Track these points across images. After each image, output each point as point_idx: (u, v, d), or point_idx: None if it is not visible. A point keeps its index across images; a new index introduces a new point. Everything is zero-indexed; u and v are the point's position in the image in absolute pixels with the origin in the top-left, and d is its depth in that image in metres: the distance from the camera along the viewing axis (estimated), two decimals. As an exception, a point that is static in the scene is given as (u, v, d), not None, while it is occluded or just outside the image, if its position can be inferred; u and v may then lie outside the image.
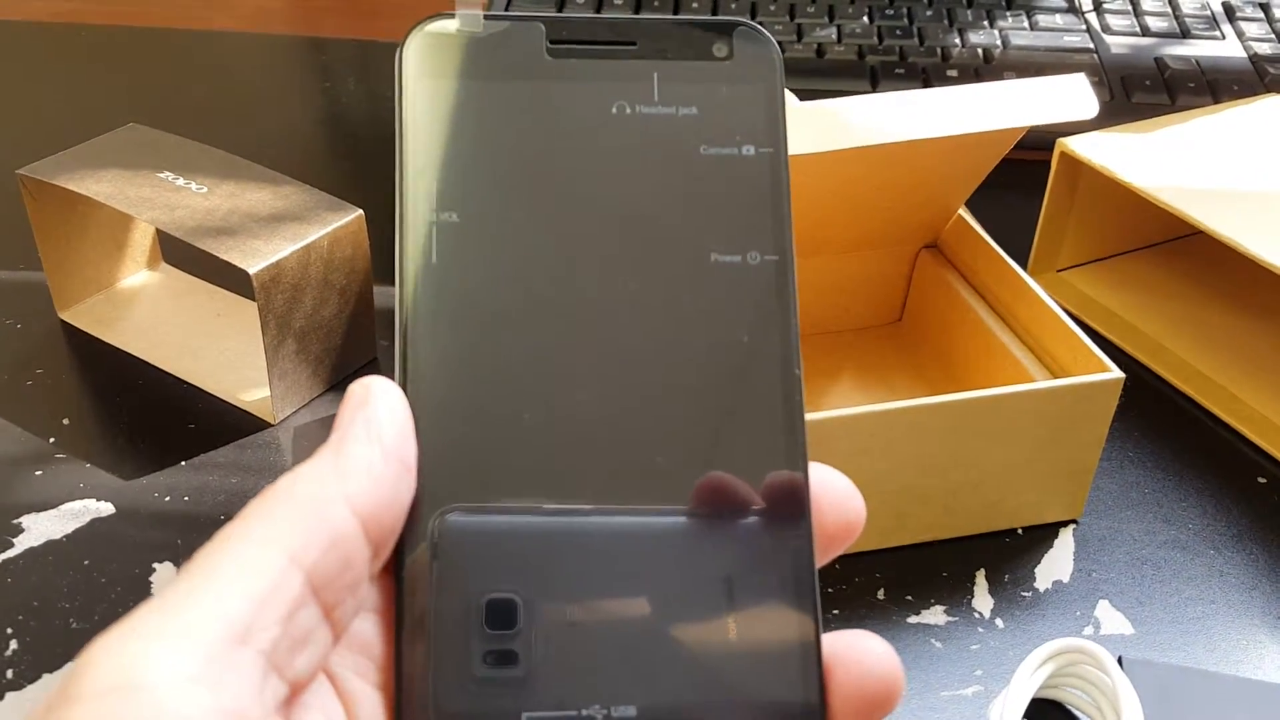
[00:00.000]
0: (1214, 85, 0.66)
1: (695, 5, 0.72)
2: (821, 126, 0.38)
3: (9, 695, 0.36)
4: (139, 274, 0.54)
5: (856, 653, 0.19)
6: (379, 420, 0.20)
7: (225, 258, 0.43)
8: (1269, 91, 0.65)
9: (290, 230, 0.44)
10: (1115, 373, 0.39)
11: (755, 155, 0.21)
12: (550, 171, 0.21)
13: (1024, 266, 0.55)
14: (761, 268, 0.21)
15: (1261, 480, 0.45)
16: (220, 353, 0.50)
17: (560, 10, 0.72)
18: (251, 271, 0.42)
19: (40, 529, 0.42)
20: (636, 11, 0.72)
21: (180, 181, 0.47)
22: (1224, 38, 0.70)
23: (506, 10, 0.72)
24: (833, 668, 0.19)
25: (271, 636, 0.17)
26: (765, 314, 0.21)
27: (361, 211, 0.46)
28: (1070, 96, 0.41)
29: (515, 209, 0.21)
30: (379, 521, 0.19)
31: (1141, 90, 0.66)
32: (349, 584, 0.18)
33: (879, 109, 0.39)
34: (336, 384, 0.48)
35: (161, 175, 0.47)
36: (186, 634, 0.16)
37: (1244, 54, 0.69)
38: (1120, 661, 0.36)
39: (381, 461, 0.19)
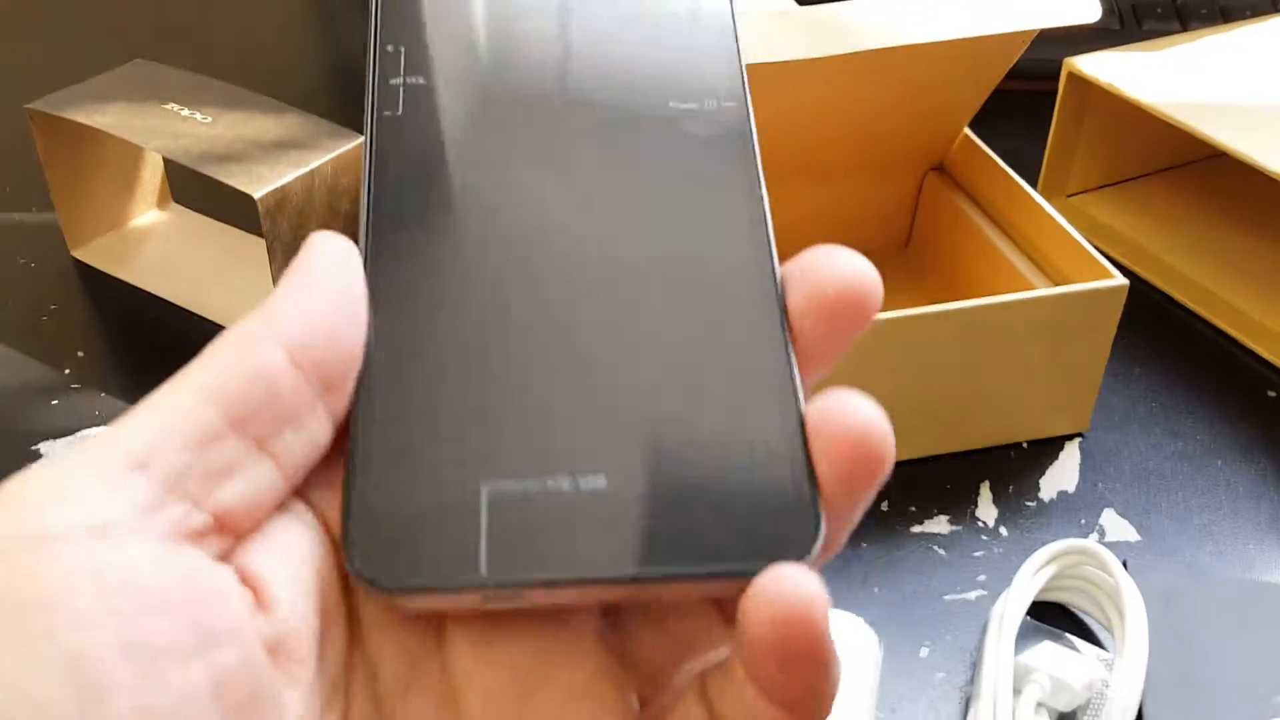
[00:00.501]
0: (1226, 11, 0.65)
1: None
2: (820, 32, 0.38)
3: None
4: (149, 213, 0.55)
5: (839, 408, 0.18)
6: (311, 264, 0.19)
7: (230, 183, 0.43)
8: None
9: (294, 157, 0.45)
10: (1119, 279, 0.39)
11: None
12: (515, 41, 0.22)
13: (1032, 190, 0.55)
14: (719, 113, 0.21)
15: (1271, 394, 0.45)
16: (230, 286, 0.50)
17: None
18: (256, 195, 0.42)
19: (57, 454, 0.42)
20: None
21: (186, 112, 0.47)
22: (1238, -36, 0.69)
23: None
24: (816, 426, 0.18)
25: (172, 463, 0.17)
26: (729, 154, 0.21)
27: (363, 138, 0.46)
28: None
29: (481, 74, 0.22)
30: (316, 356, 0.18)
31: (1152, 18, 0.65)
32: (280, 415, 0.18)
33: (879, 13, 0.39)
34: (345, 314, 0.49)
35: (167, 106, 0.47)
36: (70, 469, 0.16)
37: (1259, -21, 0.68)
38: (1125, 565, 0.36)
39: (310, 298, 0.19)
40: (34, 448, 0.43)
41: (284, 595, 0.18)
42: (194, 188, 0.55)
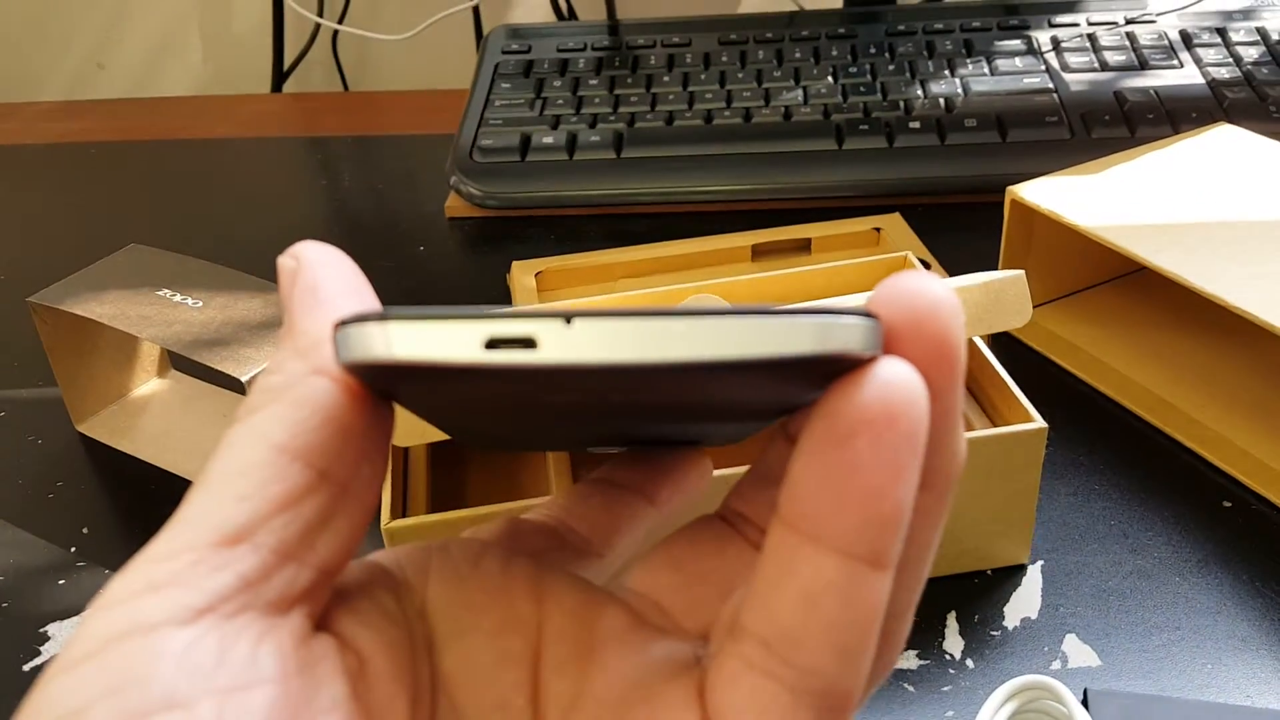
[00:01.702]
0: (1173, 114, 0.68)
1: (671, 90, 0.75)
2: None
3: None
4: (149, 383, 0.58)
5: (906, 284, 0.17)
6: (317, 281, 0.19)
7: (219, 368, 0.46)
8: (1228, 117, 0.67)
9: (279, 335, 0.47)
10: (1038, 423, 0.41)
11: None
12: None
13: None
14: None
15: (1227, 504, 0.46)
16: (226, 454, 0.53)
17: (539, 93, 0.75)
18: (243, 379, 0.45)
19: (65, 636, 0.44)
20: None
21: (177, 298, 0.50)
22: (1182, 65, 0.72)
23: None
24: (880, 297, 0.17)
25: (273, 527, 0.17)
26: None
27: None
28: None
29: None
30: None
31: (1100, 125, 0.68)
32: (355, 452, 0.18)
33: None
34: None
35: (160, 293, 0.50)
36: (161, 559, 0.16)
37: (1202, 80, 0.71)
38: (1086, 693, 0.38)
39: (332, 316, 0.18)
40: (41, 630, 0.45)
41: (377, 661, 0.18)
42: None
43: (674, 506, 0.24)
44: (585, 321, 0.15)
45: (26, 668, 0.43)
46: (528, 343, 0.15)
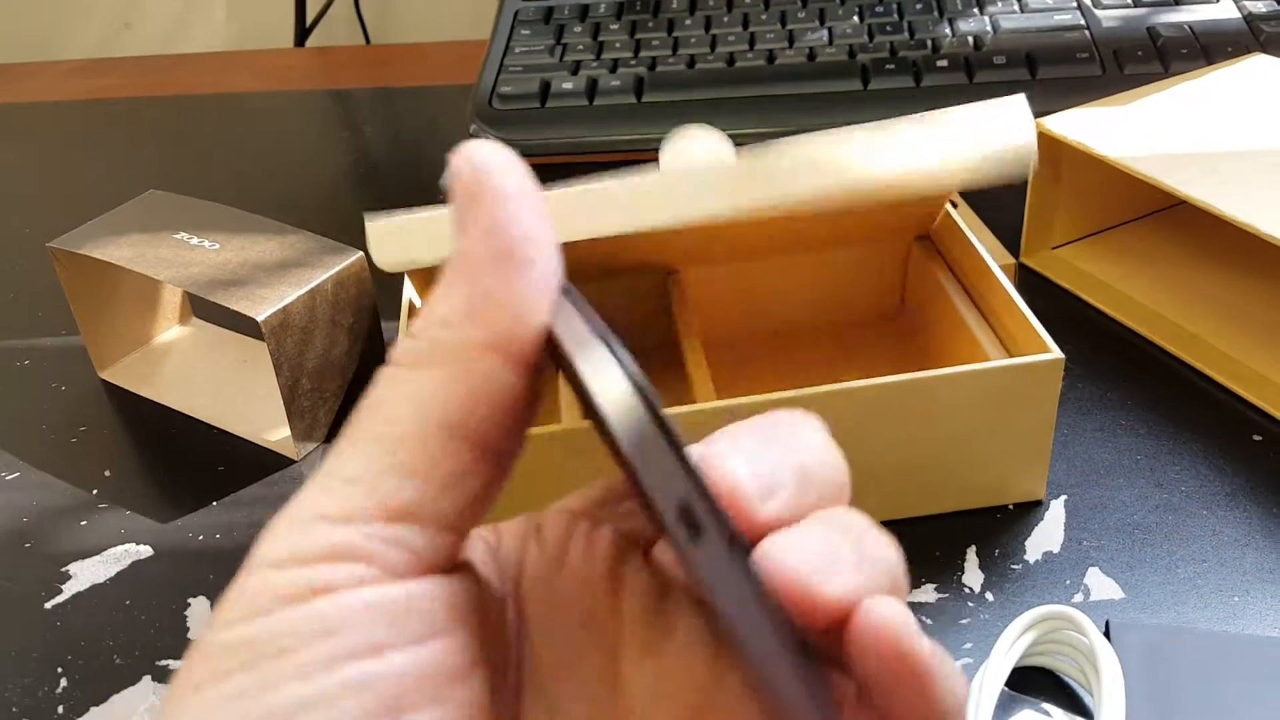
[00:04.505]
0: (1208, 49, 0.66)
1: (693, 33, 0.74)
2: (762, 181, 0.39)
3: (62, 729, 0.39)
4: (171, 330, 0.58)
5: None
6: (505, 222, 0.18)
7: (235, 308, 0.46)
8: (1264, 51, 0.65)
9: (295, 276, 0.47)
10: (1054, 353, 0.40)
11: None
12: None
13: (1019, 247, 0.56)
14: None
15: (1257, 438, 0.45)
16: (246, 398, 0.53)
17: (559, 39, 0.74)
18: (259, 318, 0.45)
19: (86, 574, 0.45)
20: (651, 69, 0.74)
21: (195, 240, 0.50)
22: (1217, 0, 0.70)
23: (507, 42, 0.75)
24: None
25: (439, 508, 0.17)
26: None
27: (362, 253, 0.49)
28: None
29: None
30: (528, 347, 0.18)
31: (1133, 61, 0.66)
32: (512, 426, 0.18)
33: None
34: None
35: (178, 236, 0.50)
36: (346, 518, 0.17)
37: (1238, 14, 0.69)
38: (1108, 625, 0.37)
39: (520, 282, 0.18)
40: (63, 569, 0.45)
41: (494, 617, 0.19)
42: (213, 302, 0.58)
43: None
44: None
45: (49, 605, 0.44)
46: None
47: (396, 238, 0.41)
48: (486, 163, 0.18)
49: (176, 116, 0.83)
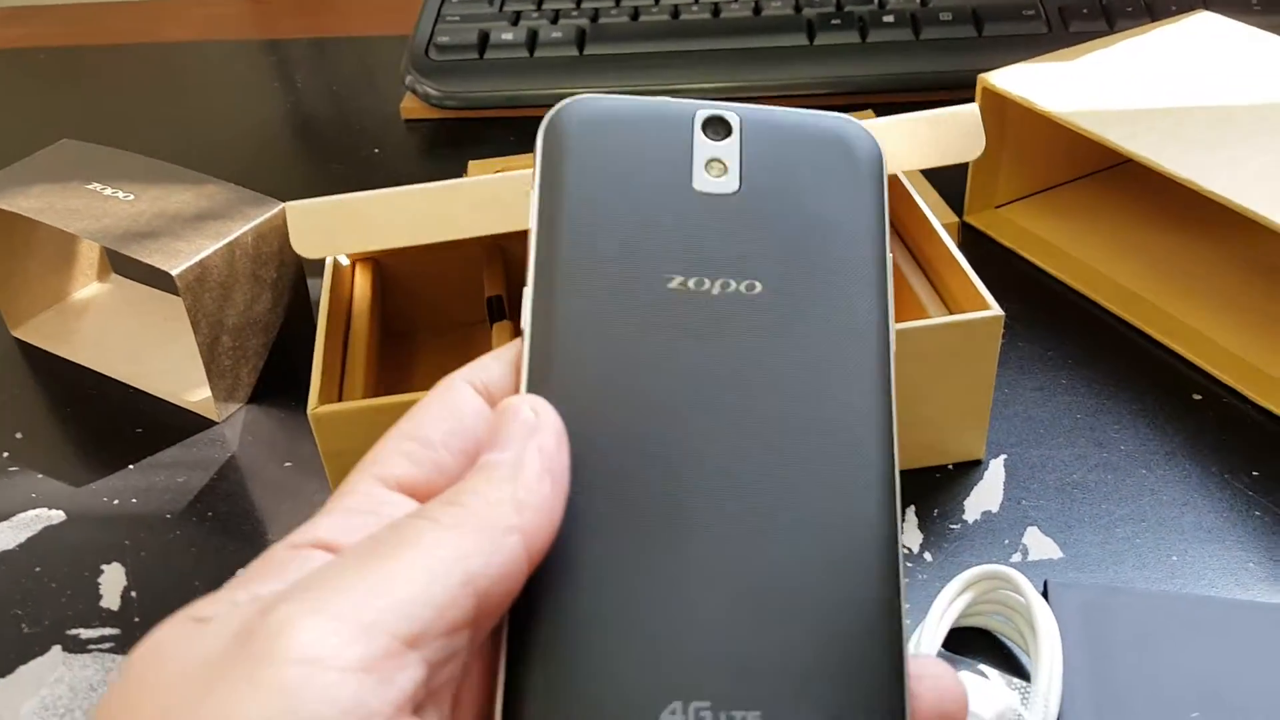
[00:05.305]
0: (1152, 7, 0.66)
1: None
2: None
3: (-35, 701, 0.37)
4: (89, 286, 0.55)
5: (931, 677, 0.21)
6: (550, 452, 0.20)
7: (148, 261, 0.43)
8: (1207, 9, 0.65)
9: (213, 229, 0.45)
10: (994, 310, 0.39)
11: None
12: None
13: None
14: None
15: (1196, 397, 0.45)
16: (166, 357, 0.51)
17: (555, 19, 0.72)
18: (174, 272, 0.43)
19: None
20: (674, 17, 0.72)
21: (108, 191, 0.48)
22: (1164, -42, 0.70)
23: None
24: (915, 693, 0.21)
25: (437, 648, 0.18)
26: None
27: (283, 205, 0.47)
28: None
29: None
30: (537, 552, 0.20)
31: (1078, 19, 0.66)
32: (501, 609, 0.20)
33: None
34: (280, 377, 0.49)
35: (90, 186, 0.48)
36: (371, 627, 0.17)
37: (1185, -27, 0.68)
38: (1046, 585, 0.36)
39: (552, 495, 0.20)
40: (-26, 535, 0.43)
41: None
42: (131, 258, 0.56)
43: None
44: None
45: (-46, 571, 0.42)
46: None
47: (317, 223, 0.40)
48: (542, 403, 0.21)
49: (104, 67, 0.80)
